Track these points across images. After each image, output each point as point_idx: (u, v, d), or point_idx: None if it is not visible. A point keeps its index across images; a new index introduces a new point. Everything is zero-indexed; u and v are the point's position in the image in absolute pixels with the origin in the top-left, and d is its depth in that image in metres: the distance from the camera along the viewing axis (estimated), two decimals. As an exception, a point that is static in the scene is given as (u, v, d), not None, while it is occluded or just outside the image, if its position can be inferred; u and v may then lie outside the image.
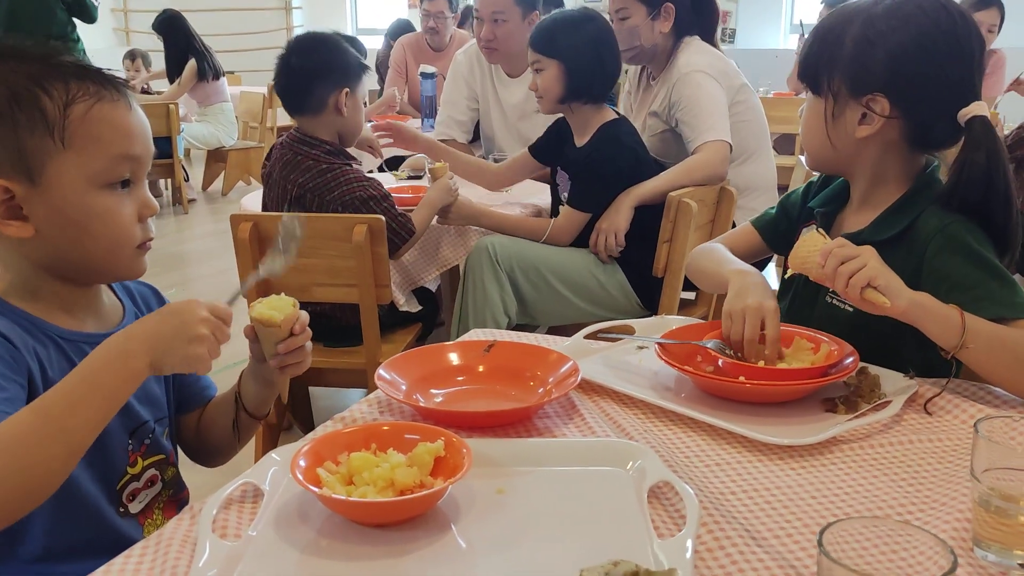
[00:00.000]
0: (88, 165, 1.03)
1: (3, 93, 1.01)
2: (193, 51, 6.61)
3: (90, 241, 1.06)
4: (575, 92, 2.45)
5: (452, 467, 0.95)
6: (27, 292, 1.08)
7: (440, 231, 2.56)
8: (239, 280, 2.31)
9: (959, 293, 1.21)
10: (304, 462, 0.95)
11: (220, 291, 4.45)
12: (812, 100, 1.36)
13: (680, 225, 2.45)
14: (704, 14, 2.83)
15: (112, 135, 1.05)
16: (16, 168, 1.01)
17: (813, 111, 1.36)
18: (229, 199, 7.00)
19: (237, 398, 1.24)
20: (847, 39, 1.30)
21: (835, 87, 1.32)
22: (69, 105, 1.02)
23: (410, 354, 1.31)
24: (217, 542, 0.86)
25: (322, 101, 2.34)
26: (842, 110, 1.32)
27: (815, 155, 1.40)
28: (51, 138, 1.01)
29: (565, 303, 2.52)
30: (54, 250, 1.06)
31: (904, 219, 1.31)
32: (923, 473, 1.03)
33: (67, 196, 1.03)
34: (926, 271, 1.27)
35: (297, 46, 2.41)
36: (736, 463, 1.06)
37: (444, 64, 4.47)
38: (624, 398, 1.23)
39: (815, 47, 1.35)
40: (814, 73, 1.35)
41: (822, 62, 1.33)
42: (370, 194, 2.33)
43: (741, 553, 0.86)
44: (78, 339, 1.09)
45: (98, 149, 1.04)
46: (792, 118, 5.98)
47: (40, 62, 1.04)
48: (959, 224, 1.26)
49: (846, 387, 1.22)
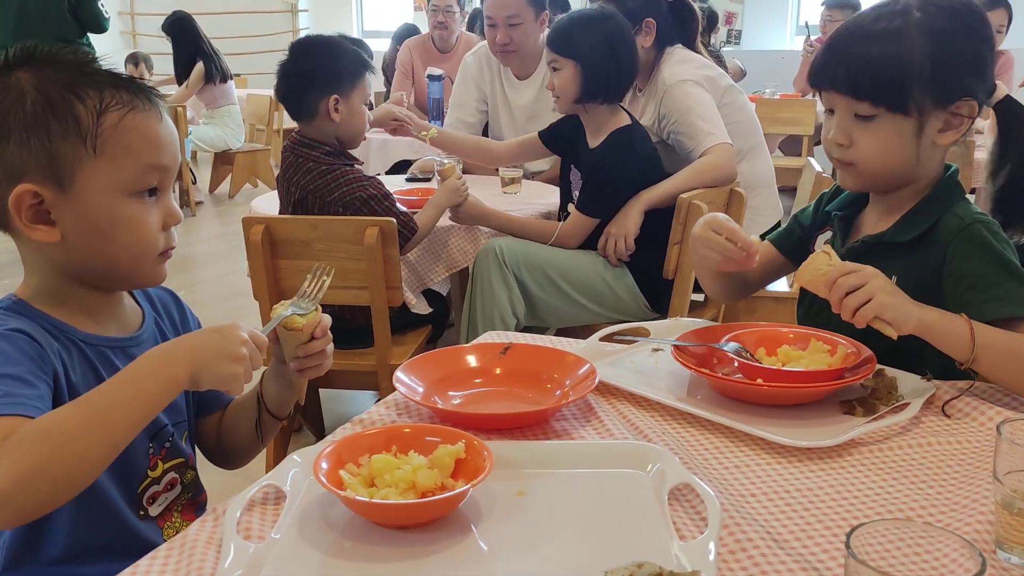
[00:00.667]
0: (118, 173, 1.04)
1: (38, 99, 1.02)
2: (201, 53, 6.63)
3: (115, 248, 1.07)
4: (591, 92, 2.45)
5: (473, 469, 0.96)
6: (52, 297, 1.09)
7: (448, 232, 2.56)
8: (249, 280, 2.32)
9: (977, 292, 1.22)
10: (326, 464, 0.95)
11: (227, 293, 4.47)
12: (890, 120, 1.27)
13: (690, 227, 2.44)
14: (685, 22, 2.85)
15: (143, 144, 1.06)
16: (46, 174, 1.02)
17: (893, 131, 1.27)
18: (236, 201, 7.01)
19: (260, 399, 1.24)
20: (916, 51, 1.24)
21: (920, 102, 1.26)
22: (103, 113, 1.03)
23: (427, 356, 1.32)
24: (241, 544, 0.86)
25: (315, 107, 2.34)
26: (927, 122, 1.28)
27: (894, 174, 1.32)
28: (83, 145, 1.02)
29: (573, 304, 2.53)
30: (79, 256, 1.06)
31: (927, 221, 1.31)
32: (943, 475, 1.03)
33: (95, 203, 1.04)
34: (947, 271, 1.27)
35: (293, 51, 2.41)
36: (755, 465, 1.06)
37: (450, 66, 4.48)
38: (641, 400, 1.23)
39: (880, 66, 1.25)
40: (891, 93, 1.26)
41: (896, 80, 1.25)
42: (370, 193, 2.33)
43: (763, 555, 0.86)
44: (101, 343, 1.10)
45: (129, 158, 1.05)
46: (799, 119, 6.00)
47: (75, 69, 1.05)
48: (981, 224, 1.27)
49: (863, 389, 1.22)
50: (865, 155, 1.30)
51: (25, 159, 1.01)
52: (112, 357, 1.11)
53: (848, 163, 1.32)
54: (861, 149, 1.30)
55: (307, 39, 2.51)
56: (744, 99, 2.96)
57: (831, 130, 1.32)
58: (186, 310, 1.28)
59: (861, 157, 1.30)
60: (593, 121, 2.54)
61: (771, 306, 2.84)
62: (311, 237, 2.24)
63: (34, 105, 1.01)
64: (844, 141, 1.30)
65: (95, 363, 1.08)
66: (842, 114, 1.30)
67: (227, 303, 4.31)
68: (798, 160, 5.72)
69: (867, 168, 1.31)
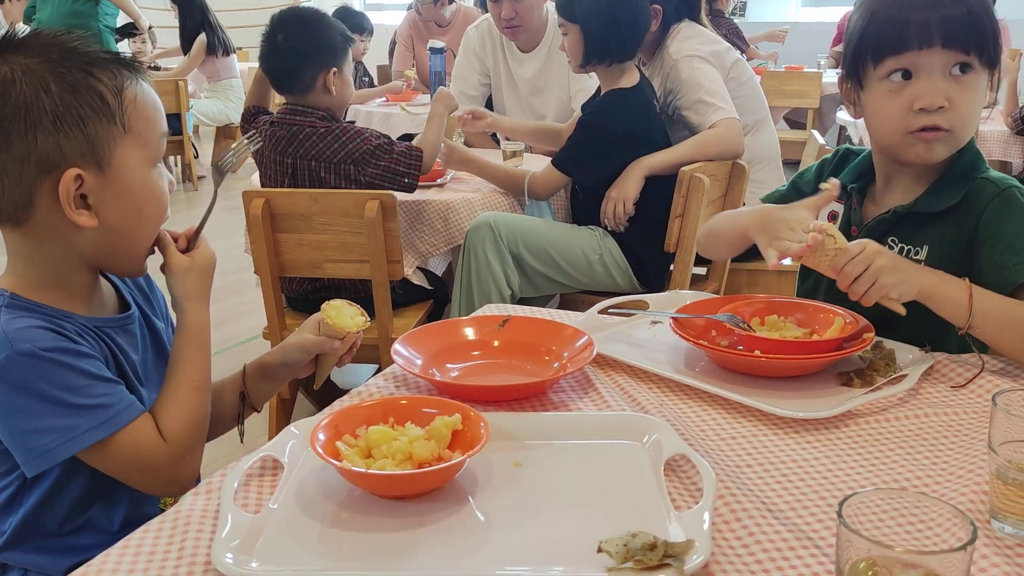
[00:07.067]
0: (144, 147, 1.07)
1: (63, 88, 1.02)
2: (206, 25, 6.58)
3: (143, 224, 1.10)
4: (594, 55, 2.48)
5: (470, 440, 0.96)
6: (49, 286, 1.09)
7: (447, 208, 2.56)
8: (251, 255, 2.32)
9: (1011, 254, 1.23)
10: (323, 435, 0.96)
11: (230, 268, 4.46)
12: (981, 75, 1.24)
13: (692, 200, 2.45)
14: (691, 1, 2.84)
15: (155, 115, 1.09)
16: (86, 157, 1.03)
17: (982, 87, 1.24)
18: (238, 175, 6.96)
19: (243, 396, 1.28)
20: (988, 4, 1.23)
21: (995, 57, 1.25)
22: (122, 90, 1.05)
23: (425, 329, 1.32)
24: (239, 514, 0.86)
25: (311, 82, 2.36)
26: (993, 77, 1.27)
27: (968, 136, 1.28)
28: (115, 124, 1.04)
29: (566, 278, 2.55)
30: (107, 239, 1.08)
31: (960, 190, 1.30)
32: (939, 446, 1.04)
33: (131, 180, 1.07)
34: (983, 235, 1.27)
35: (282, 24, 2.39)
36: (752, 436, 1.06)
37: (449, 39, 4.46)
38: (639, 372, 1.24)
39: (976, 15, 1.21)
40: (985, 42, 1.22)
41: (988, 29, 1.22)
42: (374, 144, 2.36)
43: (758, 525, 0.87)
44: (103, 325, 1.12)
45: (149, 130, 1.08)
46: (804, 91, 5.96)
47: (73, 51, 1.05)
48: (1016, 189, 1.28)
49: (861, 361, 1.22)
50: (963, 115, 1.24)
51: (63, 146, 1.02)
52: (115, 336, 1.13)
53: (944, 130, 1.24)
54: (960, 110, 1.23)
55: (294, 11, 2.50)
56: (750, 73, 2.95)
57: (913, 100, 1.23)
58: (152, 284, 1.29)
59: (959, 119, 1.24)
60: (603, 83, 2.57)
61: (773, 279, 2.84)
62: (311, 211, 2.24)
63: (60, 91, 1.01)
64: (945, 103, 1.22)
65: (101, 345, 1.10)
66: (936, 74, 1.23)
67: (229, 277, 4.30)
68: (802, 133, 5.69)
69: (962, 131, 1.26)
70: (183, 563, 0.82)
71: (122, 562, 0.82)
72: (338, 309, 1.21)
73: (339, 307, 1.21)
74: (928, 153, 1.27)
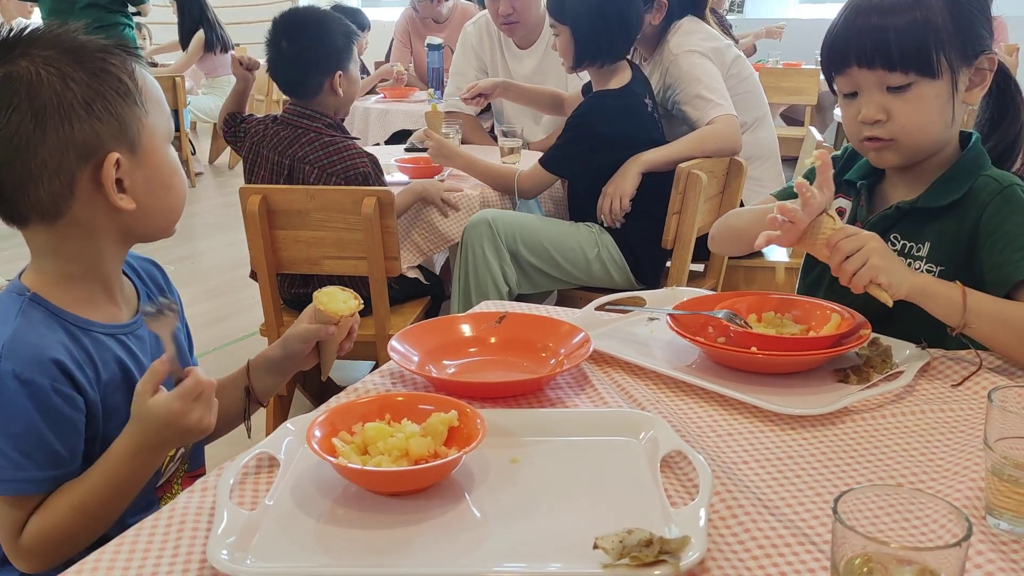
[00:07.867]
0: (161, 125, 1.10)
1: (86, 74, 1.03)
2: (204, 21, 6.57)
3: (174, 198, 1.13)
4: (585, 56, 2.49)
5: (466, 437, 0.96)
6: (71, 284, 1.09)
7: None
8: (248, 252, 2.32)
9: (1012, 251, 1.23)
10: (319, 432, 0.96)
11: (227, 264, 4.47)
12: (925, 86, 1.25)
13: (689, 197, 2.45)
14: None
15: (161, 95, 1.12)
16: (120, 140, 1.05)
17: (931, 96, 1.26)
18: (236, 172, 6.98)
19: (249, 391, 1.28)
20: (936, 12, 1.23)
21: (950, 62, 1.25)
22: (133, 73, 1.07)
23: (422, 325, 1.32)
24: (235, 510, 0.86)
25: (318, 87, 2.36)
26: (958, 80, 1.27)
27: (934, 141, 1.31)
28: (137, 105, 1.06)
29: (563, 274, 2.55)
30: (143, 218, 1.10)
31: (963, 184, 1.31)
32: (935, 443, 1.04)
33: (158, 158, 1.09)
34: (983, 232, 1.27)
35: (285, 28, 2.39)
36: (748, 433, 1.06)
37: (447, 35, 4.45)
38: (635, 369, 1.24)
39: (906, 33, 1.23)
40: (922, 58, 1.24)
41: (924, 44, 1.23)
42: (364, 172, 2.35)
43: (754, 521, 0.87)
44: (117, 331, 1.13)
45: (161, 109, 1.11)
46: (802, 88, 5.96)
47: (93, 40, 1.06)
48: (1018, 187, 1.28)
49: (858, 357, 1.22)
50: (905, 127, 1.27)
51: (99, 131, 1.03)
52: (128, 343, 1.13)
53: (888, 140, 1.29)
54: (900, 121, 1.27)
55: (297, 13, 2.47)
56: (750, 69, 2.95)
57: (860, 111, 1.29)
58: (168, 280, 1.30)
59: (901, 130, 1.28)
60: (595, 83, 2.58)
61: (770, 276, 2.84)
62: (309, 207, 2.24)
63: (84, 78, 1.02)
64: (882, 116, 1.27)
65: (116, 351, 1.11)
66: (873, 90, 1.27)
67: (227, 274, 4.30)
68: (800, 130, 5.69)
69: (909, 140, 1.29)
70: (178, 560, 0.82)
71: (117, 559, 0.82)
72: (330, 295, 1.22)
73: (331, 293, 1.22)
74: (879, 159, 1.34)
